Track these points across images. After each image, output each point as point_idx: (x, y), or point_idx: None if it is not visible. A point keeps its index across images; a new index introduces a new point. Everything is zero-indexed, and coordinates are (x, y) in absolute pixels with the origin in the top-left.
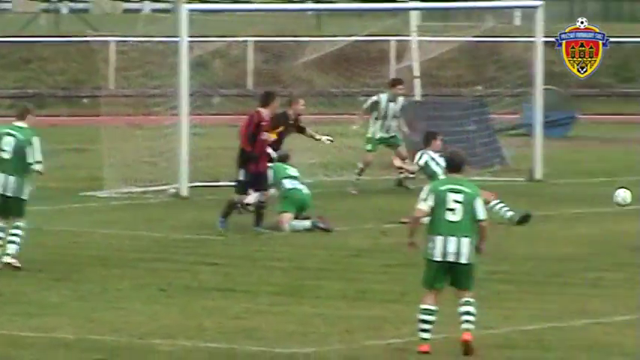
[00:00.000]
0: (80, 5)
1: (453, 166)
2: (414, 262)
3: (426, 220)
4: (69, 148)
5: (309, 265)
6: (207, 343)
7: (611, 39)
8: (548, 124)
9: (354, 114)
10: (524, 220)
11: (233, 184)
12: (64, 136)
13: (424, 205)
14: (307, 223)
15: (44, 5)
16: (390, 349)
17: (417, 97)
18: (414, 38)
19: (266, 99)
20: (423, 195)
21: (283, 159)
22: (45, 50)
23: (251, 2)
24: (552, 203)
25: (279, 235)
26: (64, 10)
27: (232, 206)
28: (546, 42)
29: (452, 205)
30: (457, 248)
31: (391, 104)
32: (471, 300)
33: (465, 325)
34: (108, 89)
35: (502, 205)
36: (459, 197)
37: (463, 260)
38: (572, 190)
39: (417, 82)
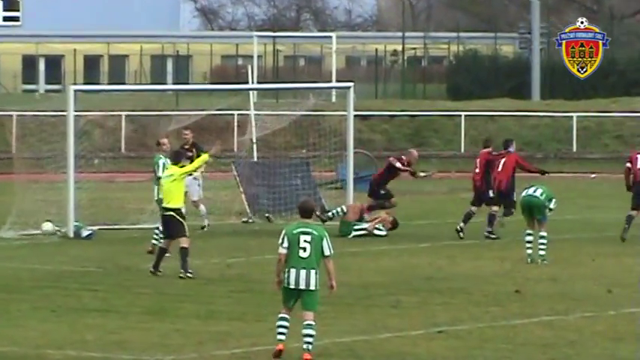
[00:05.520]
0: None
1: (305, 212)
2: (252, 289)
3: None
4: None
5: (170, 291)
6: (89, 353)
7: (407, 113)
8: (358, 180)
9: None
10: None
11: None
12: None
13: (282, 248)
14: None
15: None
16: (234, 357)
17: (255, 159)
18: (252, 112)
19: None
20: (279, 240)
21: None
22: None
23: (124, 84)
24: (360, 241)
25: (145, 268)
26: None
27: None
28: (356, 115)
29: (303, 244)
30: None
31: None
32: (312, 323)
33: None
34: (10, 153)
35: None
36: (308, 238)
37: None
38: None
39: (254, 147)
